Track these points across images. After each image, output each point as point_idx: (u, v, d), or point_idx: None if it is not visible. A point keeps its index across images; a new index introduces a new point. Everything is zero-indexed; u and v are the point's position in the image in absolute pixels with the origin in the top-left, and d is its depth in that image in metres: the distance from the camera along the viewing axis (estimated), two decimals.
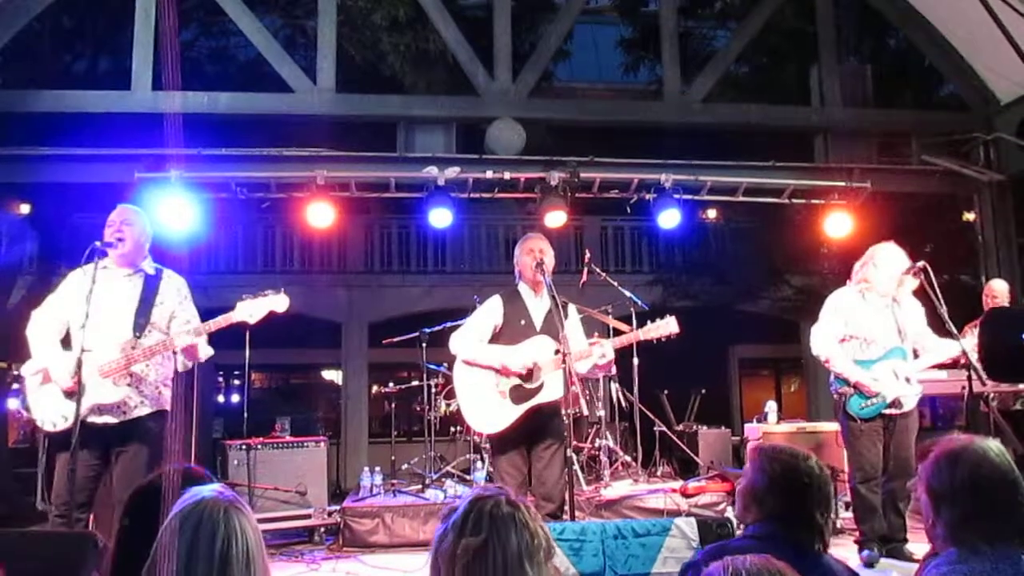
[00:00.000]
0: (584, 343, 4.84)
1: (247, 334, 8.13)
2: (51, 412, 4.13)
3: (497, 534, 1.61)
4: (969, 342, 5.07)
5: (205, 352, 4.42)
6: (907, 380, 5.04)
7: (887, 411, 5.03)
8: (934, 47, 8.08)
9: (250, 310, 4.27)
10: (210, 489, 1.68)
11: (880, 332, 5.11)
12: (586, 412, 6.34)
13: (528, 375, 4.57)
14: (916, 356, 5.20)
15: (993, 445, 1.89)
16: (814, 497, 2.26)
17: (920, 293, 5.12)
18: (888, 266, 5.10)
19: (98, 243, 4.19)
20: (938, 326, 5.08)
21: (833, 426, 6.49)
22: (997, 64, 7.60)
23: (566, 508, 4.49)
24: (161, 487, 2.00)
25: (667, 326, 4.78)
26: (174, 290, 4.45)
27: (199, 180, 6.85)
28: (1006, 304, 6.45)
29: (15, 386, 4.32)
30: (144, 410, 4.24)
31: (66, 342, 4.27)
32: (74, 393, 4.03)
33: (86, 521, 4.10)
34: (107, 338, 4.13)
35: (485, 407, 4.62)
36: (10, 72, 8.74)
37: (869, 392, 4.97)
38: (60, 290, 4.38)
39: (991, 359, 4.52)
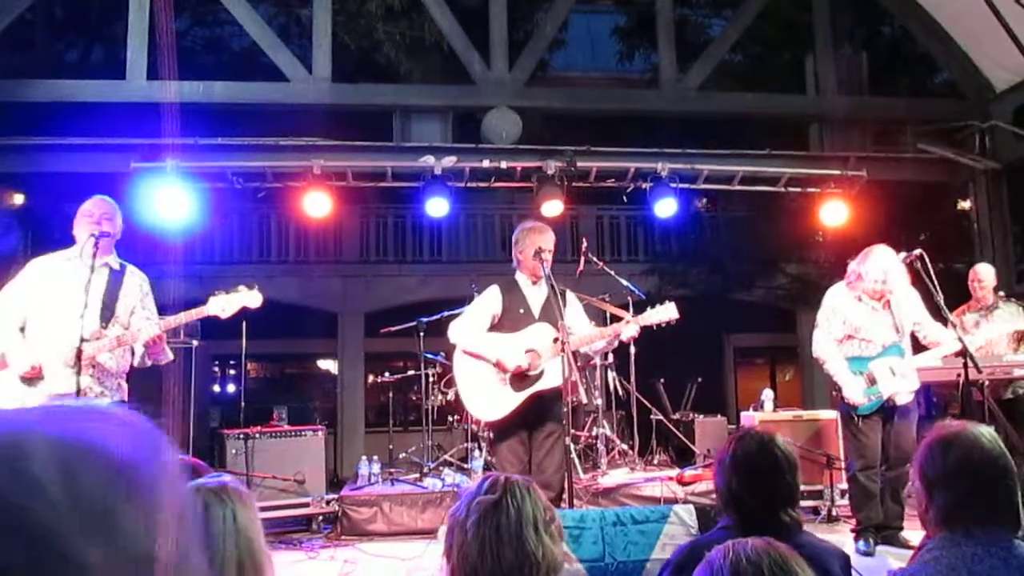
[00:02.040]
0: (589, 327, 4.85)
1: (243, 324, 8.11)
2: (6, 399, 4.08)
3: (512, 495, 1.64)
4: (973, 339, 5.10)
5: (167, 353, 4.38)
6: (904, 377, 5.06)
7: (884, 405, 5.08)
8: (929, 35, 8.08)
9: (222, 305, 4.28)
10: (209, 478, 1.68)
11: (877, 331, 5.14)
12: (584, 400, 6.35)
13: (523, 372, 4.58)
14: (916, 343, 5.23)
15: (985, 431, 1.91)
16: (781, 474, 2.27)
17: (916, 280, 5.13)
18: (873, 271, 5.07)
19: (95, 235, 4.17)
20: (934, 314, 5.11)
21: (828, 414, 6.52)
22: (992, 52, 7.61)
23: (565, 496, 4.51)
24: None
25: (667, 311, 4.74)
26: (136, 286, 4.43)
27: (195, 170, 6.84)
28: (991, 289, 6.43)
29: None
30: (104, 400, 4.19)
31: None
32: (33, 379, 4.05)
33: None
34: (70, 328, 4.05)
35: (486, 394, 4.63)
36: (3, 62, 8.70)
37: (850, 403, 5.04)
38: (19, 279, 4.30)
39: None
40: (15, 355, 4.09)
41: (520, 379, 4.59)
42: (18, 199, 9.47)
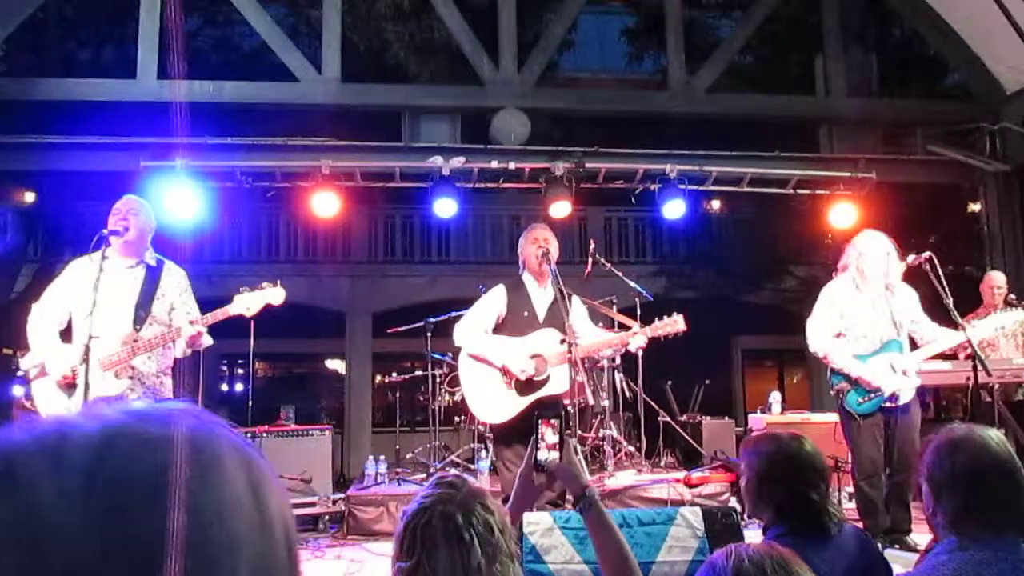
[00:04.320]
0: (594, 333, 4.83)
1: (251, 323, 8.10)
2: (51, 405, 4.11)
3: (427, 556, 1.57)
4: (975, 332, 5.04)
5: (206, 341, 4.42)
6: (904, 373, 5.00)
7: (885, 404, 4.99)
8: (940, 36, 8.05)
9: (247, 303, 4.28)
10: None
11: (876, 326, 5.03)
12: (591, 401, 6.34)
13: (529, 378, 4.56)
14: (913, 344, 5.17)
15: (993, 434, 1.89)
16: (811, 473, 2.27)
17: (924, 282, 5.08)
18: (873, 250, 4.99)
19: (104, 231, 4.19)
20: (943, 317, 5.06)
21: (836, 417, 6.48)
22: (1003, 54, 7.57)
23: (568, 497, 4.49)
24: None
25: (674, 324, 4.68)
26: (174, 283, 4.44)
27: (204, 169, 6.87)
28: (1005, 296, 6.44)
29: (19, 373, 4.30)
30: (144, 402, 4.20)
31: (66, 332, 4.25)
32: (71, 385, 4.04)
33: None
34: (108, 330, 4.08)
35: (490, 397, 4.62)
36: (15, 61, 8.74)
37: (869, 386, 4.88)
38: (60, 280, 4.34)
39: None
40: (52, 363, 4.12)
41: (525, 384, 4.58)
42: (29, 197, 9.52)
